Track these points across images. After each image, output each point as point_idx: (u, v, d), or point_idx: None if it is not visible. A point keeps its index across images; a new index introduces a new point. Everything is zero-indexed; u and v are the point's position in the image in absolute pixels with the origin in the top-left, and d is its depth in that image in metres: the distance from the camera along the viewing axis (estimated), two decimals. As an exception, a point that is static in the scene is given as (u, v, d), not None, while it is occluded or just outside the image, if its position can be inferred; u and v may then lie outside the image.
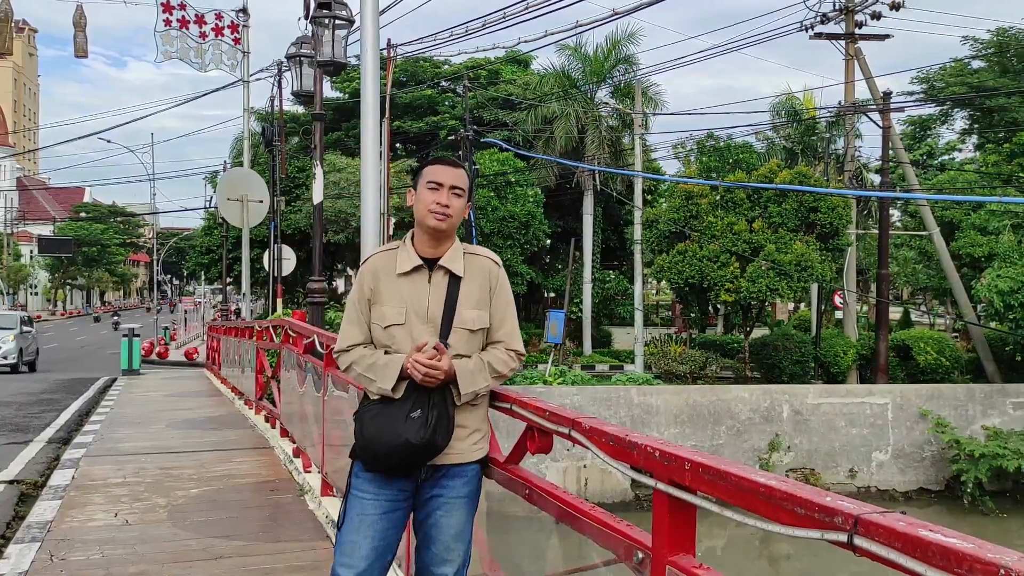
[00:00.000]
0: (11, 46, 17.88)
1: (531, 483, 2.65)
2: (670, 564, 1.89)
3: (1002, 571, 1.14)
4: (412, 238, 2.63)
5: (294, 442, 7.20)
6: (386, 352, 2.57)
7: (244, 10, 18.20)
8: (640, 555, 2.02)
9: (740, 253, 17.87)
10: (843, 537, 1.41)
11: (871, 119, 19.52)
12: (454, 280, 2.57)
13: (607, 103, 25.27)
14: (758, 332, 21.24)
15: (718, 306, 22.37)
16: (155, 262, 53.30)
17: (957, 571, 1.20)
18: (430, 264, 2.58)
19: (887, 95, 18.78)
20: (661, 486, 1.93)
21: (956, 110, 30.34)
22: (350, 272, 33.54)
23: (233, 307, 22.34)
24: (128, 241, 79.78)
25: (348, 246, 25.54)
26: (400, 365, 2.48)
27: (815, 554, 11.96)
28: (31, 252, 67.66)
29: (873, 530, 1.36)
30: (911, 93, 28.13)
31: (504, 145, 23.73)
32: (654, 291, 41.59)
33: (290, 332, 7.53)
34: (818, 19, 18.62)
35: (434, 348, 2.47)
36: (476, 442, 2.62)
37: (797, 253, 17.39)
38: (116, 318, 49.98)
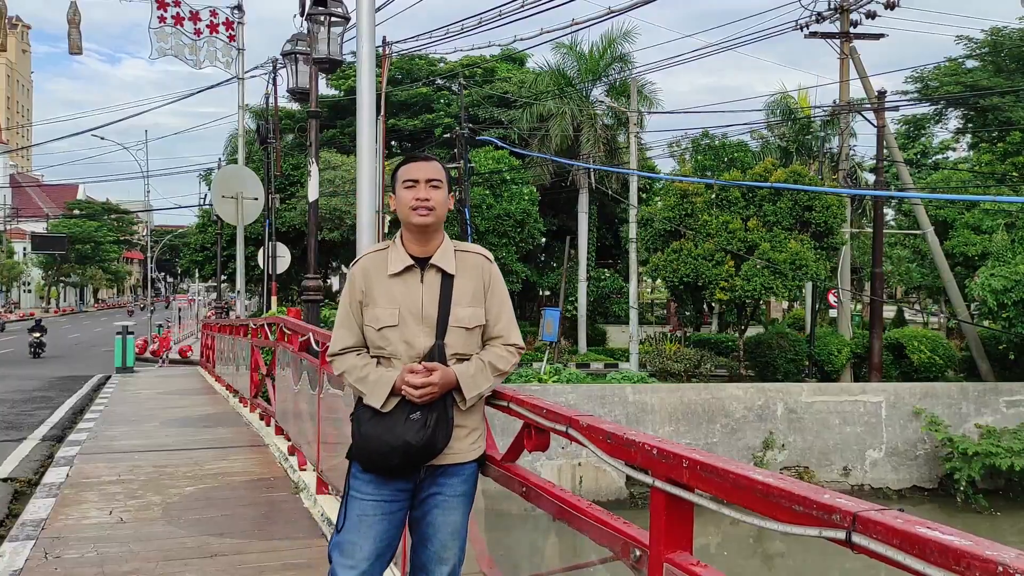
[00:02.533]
0: (5, 42, 17.82)
1: (528, 481, 2.64)
2: (667, 561, 1.89)
3: (1000, 568, 1.14)
4: (401, 238, 2.61)
5: (289, 440, 7.18)
6: (380, 355, 2.54)
7: (239, 7, 18.14)
8: (637, 552, 2.02)
9: (735, 252, 17.89)
10: (841, 535, 1.41)
11: (866, 118, 19.54)
12: (447, 278, 2.54)
13: (602, 101, 25.25)
14: (752, 331, 21.27)
15: (713, 305, 22.36)
16: (149, 260, 52.93)
17: (955, 568, 1.20)
18: (421, 263, 2.56)
19: (882, 94, 18.81)
20: (659, 484, 1.93)
21: (950, 109, 30.39)
22: (345, 270, 33.50)
23: (225, 304, 22.29)
24: (122, 238, 79.65)
25: (343, 244, 25.53)
26: (391, 384, 2.46)
27: (810, 552, 12.00)
28: (24, 249, 67.45)
29: (871, 527, 1.35)
30: (905, 92, 28.15)
31: (499, 143, 23.70)
32: (649, 289, 41.56)
33: (285, 330, 7.53)
34: (813, 18, 18.63)
35: (423, 366, 2.45)
36: (474, 441, 2.62)
37: (792, 252, 17.43)
38: (37, 335, 26.74)
